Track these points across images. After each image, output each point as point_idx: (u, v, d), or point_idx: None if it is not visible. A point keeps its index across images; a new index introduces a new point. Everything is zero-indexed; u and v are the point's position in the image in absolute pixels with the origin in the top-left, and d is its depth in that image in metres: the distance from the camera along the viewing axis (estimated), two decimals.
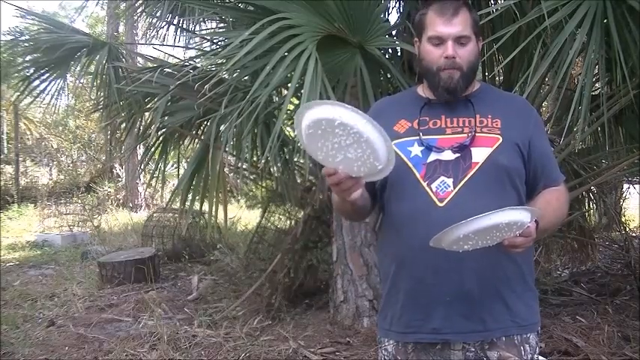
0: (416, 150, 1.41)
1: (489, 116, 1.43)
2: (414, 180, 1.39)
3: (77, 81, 4.82)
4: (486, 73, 3.68)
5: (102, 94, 4.54)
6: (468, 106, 1.44)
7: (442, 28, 1.40)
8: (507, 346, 1.40)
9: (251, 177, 4.86)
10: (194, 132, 4.17)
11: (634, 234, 5.98)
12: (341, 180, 1.24)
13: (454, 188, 1.36)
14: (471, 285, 1.36)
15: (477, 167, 1.37)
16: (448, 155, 1.39)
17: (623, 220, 5.80)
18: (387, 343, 1.49)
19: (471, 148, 1.39)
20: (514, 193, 1.40)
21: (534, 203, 1.38)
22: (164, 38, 4.82)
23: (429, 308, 1.39)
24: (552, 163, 1.48)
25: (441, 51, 1.40)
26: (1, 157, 14.42)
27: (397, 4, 3.88)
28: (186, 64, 3.90)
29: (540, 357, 2.20)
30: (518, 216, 1.21)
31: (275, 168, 4.10)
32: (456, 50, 1.40)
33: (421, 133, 1.42)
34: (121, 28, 13.14)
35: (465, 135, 1.40)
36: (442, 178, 1.36)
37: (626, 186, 5.81)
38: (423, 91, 1.52)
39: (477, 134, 1.40)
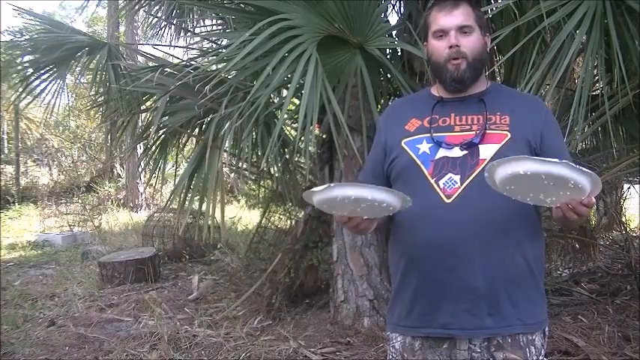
0: (424, 147, 1.44)
1: (498, 113, 1.45)
2: (422, 177, 1.41)
3: (77, 80, 4.81)
4: (486, 73, 3.67)
5: (101, 89, 4.53)
6: (479, 104, 1.46)
7: (443, 20, 1.44)
8: (513, 347, 1.41)
9: (251, 177, 4.86)
10: (194, 132, 4.17)
11: (634, 234, 5.96)
12: (358, 223, 1.32)
13: (461, 185, 1.37)
14: (479, 282, 1.36)
15: (484, 164, 1.37)
16: (456, 152, 1.40)
17: (623, 220, 5.78)
18: (394, 340, 1.51)
19: (479, 145, 1.40)
20: None
21: None
22: (164, 37, 4.82)
23: (437, 304, 1.40)
24: (566, 159, 1.47)
25: (446, 42, 1.44)
26: (2, 157, 14.43)
27: (397, 5, 3.88)
28: (187, 64, 3.90)
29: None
30: (587, 184, 1.14)
31: (275, 168, 4.10)
32: (459, 39, 1.43)
33: (432, 130, 1.45)
34: (122, 28, 13.15)
35: (473, 132, 1.42)
36: (449, 174, 1.38)
37: (626, 186, 5.79)
38: (436, 90, 1.55)
39: (485, 131, 1.41)
